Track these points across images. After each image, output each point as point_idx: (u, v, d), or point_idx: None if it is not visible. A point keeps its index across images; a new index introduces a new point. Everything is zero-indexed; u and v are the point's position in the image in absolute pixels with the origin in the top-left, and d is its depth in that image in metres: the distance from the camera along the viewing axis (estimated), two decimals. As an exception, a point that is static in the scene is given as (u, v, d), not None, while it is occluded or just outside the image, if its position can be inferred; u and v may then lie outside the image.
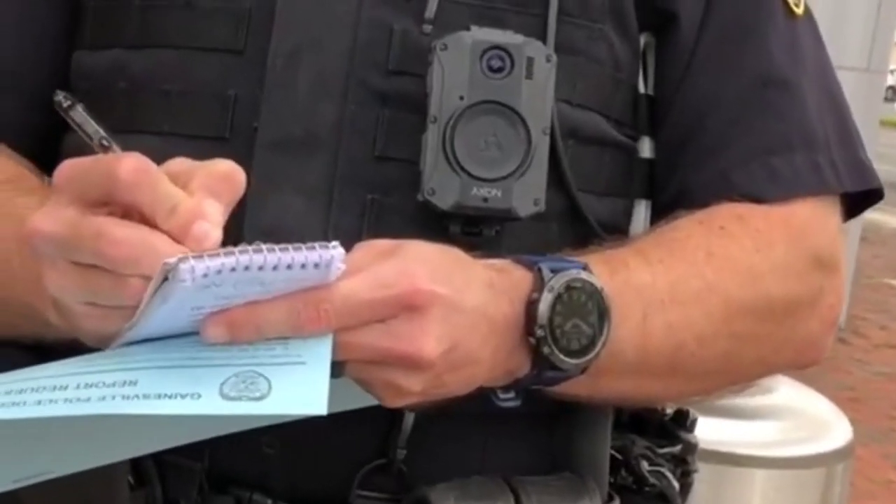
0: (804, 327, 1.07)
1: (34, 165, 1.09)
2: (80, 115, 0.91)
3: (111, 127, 1.04)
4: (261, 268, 0.78)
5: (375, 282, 0.85)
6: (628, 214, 1.12)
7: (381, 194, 1.01)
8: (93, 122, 0.90)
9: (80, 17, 1.11)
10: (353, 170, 1.01)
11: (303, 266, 0.79)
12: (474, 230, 1.00)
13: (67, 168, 0.85)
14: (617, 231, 1.09)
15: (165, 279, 0.77)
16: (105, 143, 0.90)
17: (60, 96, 0.91)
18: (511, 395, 0.96)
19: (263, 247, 0.78)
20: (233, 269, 0.77)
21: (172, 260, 0.77)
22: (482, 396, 0.96)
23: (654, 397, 1.07)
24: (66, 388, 0.80)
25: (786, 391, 2.10)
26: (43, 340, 0.99)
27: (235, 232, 0.89)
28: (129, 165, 0.82)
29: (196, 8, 1.04)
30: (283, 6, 1.02)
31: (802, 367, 1.11)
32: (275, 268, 0.79)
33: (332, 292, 0.83)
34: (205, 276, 0.77)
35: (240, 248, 0.78)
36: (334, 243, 0.81)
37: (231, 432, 0.94)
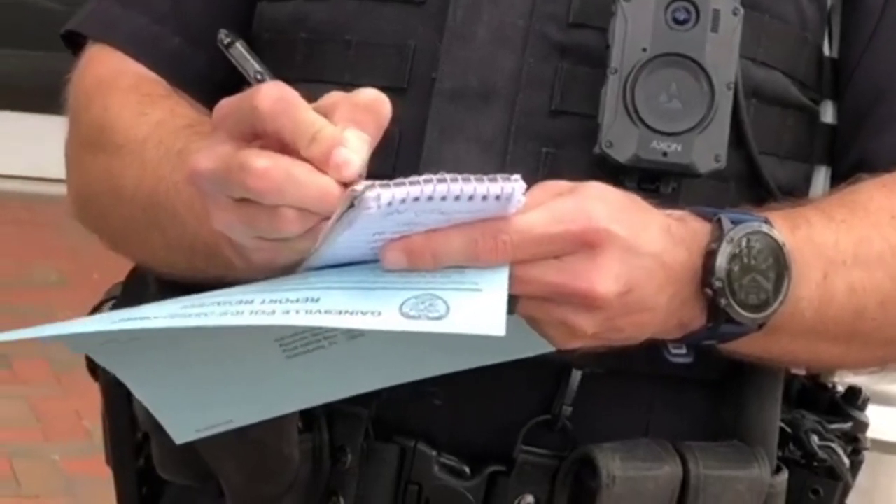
0: None
1: None
2: (238, 51, 0.93)
3: (292, 77, 1.06)
4: (444, 198, 0.79)
5: (553, 217, 0.85)
6: (808, 180, 1.10)
7: (555, 147, 1.01)
8: (251, 59, 0.91)
9: None
10: (529, 122, 1.01)
11: (484, 198, 0.80)
12: (651, 186, 0.99)
13: (222, 105, 0.87)
14: (796, 196, 1.07)
15: (351, 206, 0.78)
16: (259, 77, 0.91)
17: (222, 34, 0.93)
18: (683, 350, 0.95)
19: (447, 176, 0.79)
20: (416, 199, 0.78)
21: (360, 187, 0.78)
22: (651, 355, 0.96)
23: (828, 362, 1.04)
24: (251, 301, 0.82)
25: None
26: (226, 281, 1.01)
27: None
28: (269, 94, 0.83)
29: None
30: None
31: None
32: (457, 198, 0.79)
33: (510, 224, 0.83)
34: (389, 203, 0.78)
35: (424, 177, 0.79)
36: (516, 176, 0.81)
37: (408, 381, 0.95)
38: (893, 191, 1.02)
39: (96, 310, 1.14)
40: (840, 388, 1.17)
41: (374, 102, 0.85)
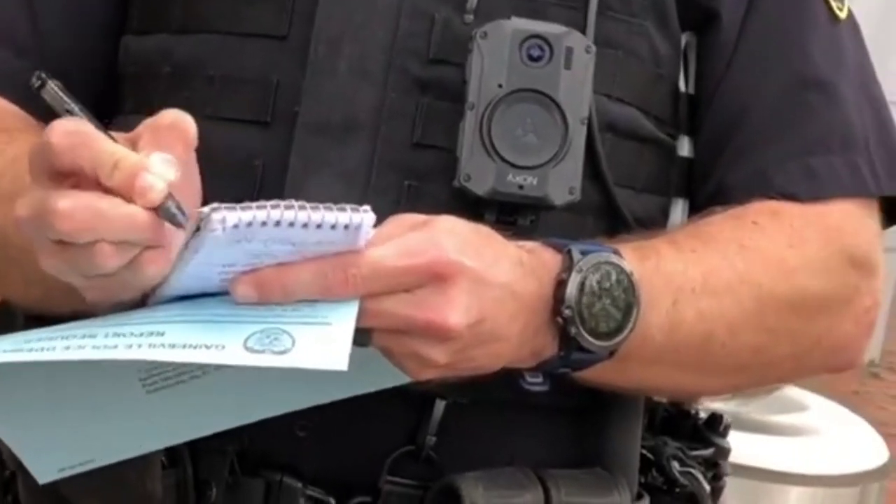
0: (838, 327, 1.07)
1: None
2: (50, 92, 0.87)
3: (155, 111, 1.06)
4: (291, 224, 0.80)
5: (404, 250, 0.86)
6: (665, 212, 1.13)
7: (417, 180, 1.02)
8: (65, 97, 0.86)
9: (128, 4, 1.13)
10: (391, 155, 1.02)
11: (332, 227, 0.81)
12: (509, 219, 1.01)
13: (31, 150, 0.85)
14: (653, 228, 1.09)
15: (198, 229, 0.79)
16: (69, 114, 0.86)
17: (34, 76, 0.88)
18: (539, 378, 0.97)
19: (295, 203, 0.80)
20: (263, 223, 0.79)
21: (205, 210, 0.78)
22: (512, 384, 0.97)
23: (684, 389, 1.07)
24: (94, 336, 0.82)
25: (821, 410, 2.07)
26: (86, 316, 1.01)
27: None
28: (60, 128, 0.82)
29: None
30: None
31: (836, 370, 1.11)
32: (304, 225, 0.80)
33: (361, 257, 0.85)
34: (235, 226, 0.79)
35: (272, 202, 0.80)
36: (365, 207, 0.82)
37: (271, 415, 0.95)
38: (743, 221, 1.05)
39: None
40: (702, 415, 1.20)
41: (177, 121, 0.84)
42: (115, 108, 1.13)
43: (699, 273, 1.00)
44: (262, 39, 1.05)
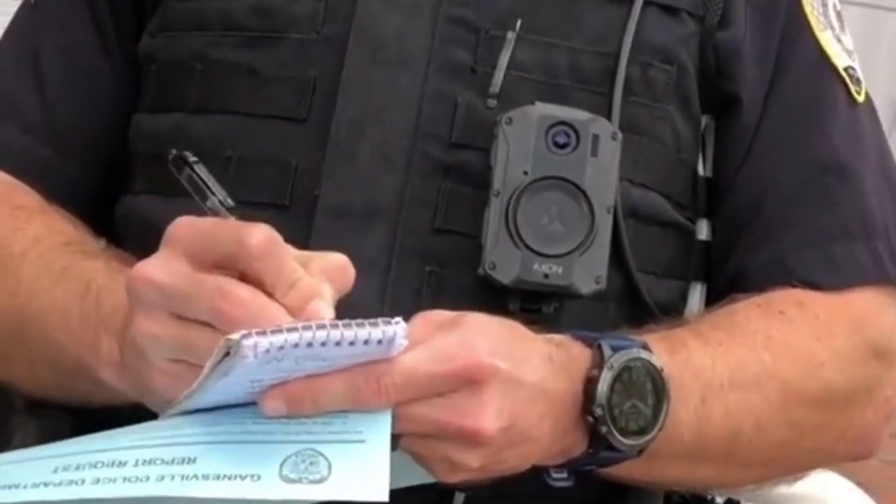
0: (861, 418, 1.06)
1: (90, 229, 1.09)
2: (205, 171, 0.90)
3: (169, 192, 1.04)
4: (323, 344, 0.77)
5: (436, 356, 0.84)
6: (684, 296, 1.11)
7: (439, 267, 1.01)
8: (208, 184, 0.89)
9: (141, 82, 1.11)
10: (413, 241, 1.01)
11: (366, 342, 0.79)
12: (533, 307, 1.00)
13: (188, 226, 0.85)
14: (673, 313, 1.08)
15: (227, 354, 0.77)
16: (229, 204, 0.88)
17: (171, 156, 0.91)
18: (564, 474, 0.95)
19: (327, 322, 0.78)
20: (296, 346, 0.77)
21: (235, 336, 0.76)
22: (535, 477, 0.95)
23: (707, 484, 1.05)
24: (124, 464, 0.79)
25: (820, 478, 2.04)
26: (90, 402, 0.99)
27: None
28: (261, 235, 0.82)
29: (260, 75, 1.04)
30: (347, 76, 1.02)
31: (856, 460, 1.09)
32: (337, 344, 0.78)
33: (393, 366, 0.82)
34: (267, 351, 0.76)
35: (303, 323, 0.77)
36: (397, 319, 0.80)
37: None
38: (769, 312, 1.04)
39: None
40: (719, 500, 1.18)
41: (346, 269, 0.85)
42: (124, 186, 1.11)
43: (726, 367, 0.99)
44: (281, 121, 1.03)
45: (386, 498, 0.77)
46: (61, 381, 0.98)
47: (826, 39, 1.13)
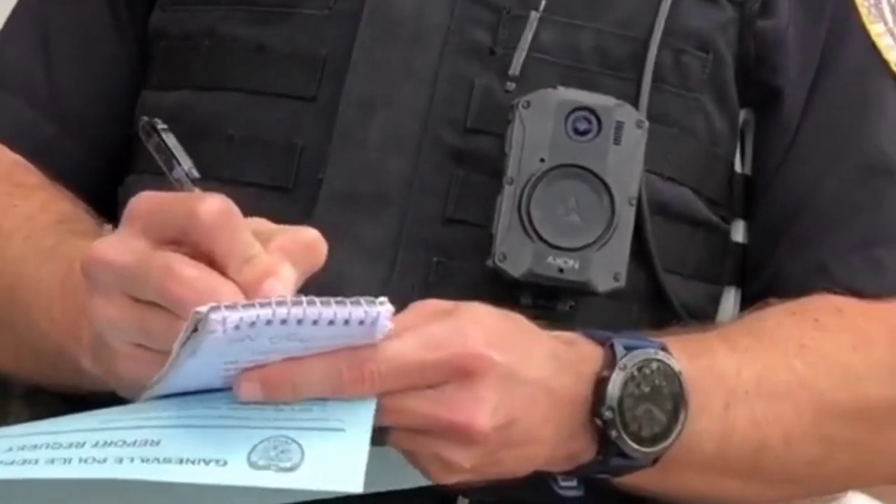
0: None
1: (91, 209, 1.05)
2: (173, 141, 0.85)
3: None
4: (299, 322, 0.71)
5: (426, 343, 0.78)
6: (716, 301, 1.04)
7: (447, 258, 0.95)
8: (173, 153, 0.84)
9: (149, 59, 1.07)
10: (421, 231, 0.95)
11: (346, 322, 0.72)
12: (547, 303, 0.93)
13: (145, 200, 0.80)
14: (702, 318, 1.01)
15: (195, 329, 0.71)
16: (194, 175, 0.83)
17: (142, 123, 0.87)
18: (573, 482, 0.88)
19: (303, 299, 0.72)
20: (268, 322, 0.71)
21: (203, 309, 0.70)
22: (542, 485, 0.89)
23: (727, 498, 0.97)
24: (83, 445, 0.73)
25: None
26: (78, 390, 0.94)
27: None
28: (213, 206, 0.76)
29: (269, 51, 0.99)
30: (359, 55, 0.97)
31: (895, 482, 1.02)
32: (315, 322, 0.71)
33: (378, 352, 0.76)
34: (237, 327, 0.70)
35: (276, 298, 0.71)
36: (381, 299, 0.73)
37: None
38: (803, 318, 0.97)
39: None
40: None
41: (315, 245, 0.79)
42: (129, 165, 1.07)
43: (754, 374, 0.92)
44: (288, 100, 0.98)
45: (360, 490, 0.71)
46: (42, 369, 0.95)
47: (877, 32, 1.06)
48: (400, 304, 0.78)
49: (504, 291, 0.92)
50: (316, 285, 0.93)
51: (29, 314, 0.93)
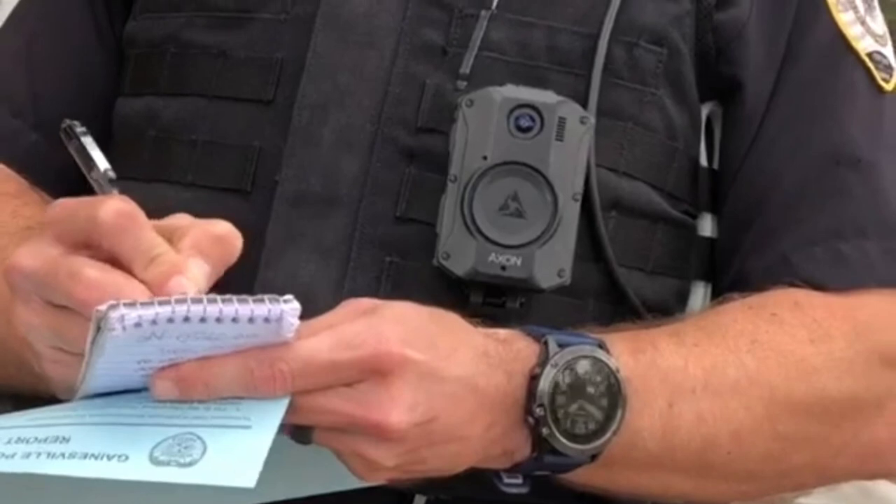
0: (868, 432, 0.96)
1: None
2: (92, 142, 0.86)
3: (139, 176, 1.02)
4: (202, 320, 0.72)
5: (340, 342, 0.78)
6: (682, 297, 1.03)
7: (399, 257, 0.95)
8: (91, 156, 0.85)
9: (124, 66, 1.08)
10: (373, 230, 0.95)
11: (250, 320, 0.73)
12: (496, 301, 0.93)
13: (59, 207, 0.82)
14: (666, 313, 1.00)
15: (99, 329, 0.72)
16: (110, 177, 0.84)
17: (76, 123, 0.88)
18: (518, 479, 0.88)
19: (205, 297, 0.72)
20: (170, 320, 0.72)
21: (103, 307, 0.71)
22: (491, 482, 0.89)
23: (684, 496, 0.96)
24: None
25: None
26: (38, 393, 0.96)
27: (247, 289, 0.84)
28: (112, 208, 0.78)
29: (229, 57, 1.01)
30: (313, 57, 0.98)
31: (867, 478, 1.00)
32: (218, 320, 0.72)
33: (290, 351, 0.76)
34: (137, 325, 0.71)
35: (177, 296, 0.72)
36: (287, 297, 0.74)
37: None
38: (760, 313, 0.95)
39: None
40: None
41: (227, 237, 0.80)
42: None
43: (701, 370, 0.90)
44: (247, 104, 0.99)
45: (252, 484, 0.71)
46: (7, 371, 0.96)
47: (845, 21, 1.04)
48: None
49: (453, 290, 0.92)
50: (272, 285, 0.94)
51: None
